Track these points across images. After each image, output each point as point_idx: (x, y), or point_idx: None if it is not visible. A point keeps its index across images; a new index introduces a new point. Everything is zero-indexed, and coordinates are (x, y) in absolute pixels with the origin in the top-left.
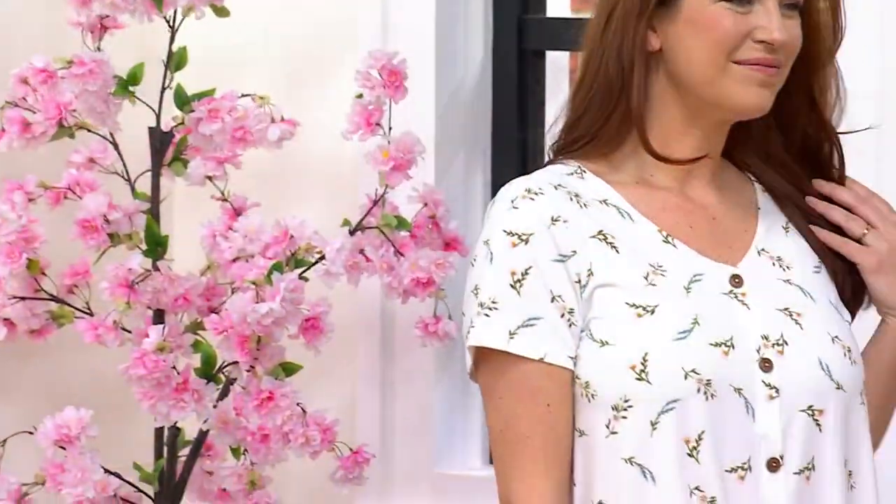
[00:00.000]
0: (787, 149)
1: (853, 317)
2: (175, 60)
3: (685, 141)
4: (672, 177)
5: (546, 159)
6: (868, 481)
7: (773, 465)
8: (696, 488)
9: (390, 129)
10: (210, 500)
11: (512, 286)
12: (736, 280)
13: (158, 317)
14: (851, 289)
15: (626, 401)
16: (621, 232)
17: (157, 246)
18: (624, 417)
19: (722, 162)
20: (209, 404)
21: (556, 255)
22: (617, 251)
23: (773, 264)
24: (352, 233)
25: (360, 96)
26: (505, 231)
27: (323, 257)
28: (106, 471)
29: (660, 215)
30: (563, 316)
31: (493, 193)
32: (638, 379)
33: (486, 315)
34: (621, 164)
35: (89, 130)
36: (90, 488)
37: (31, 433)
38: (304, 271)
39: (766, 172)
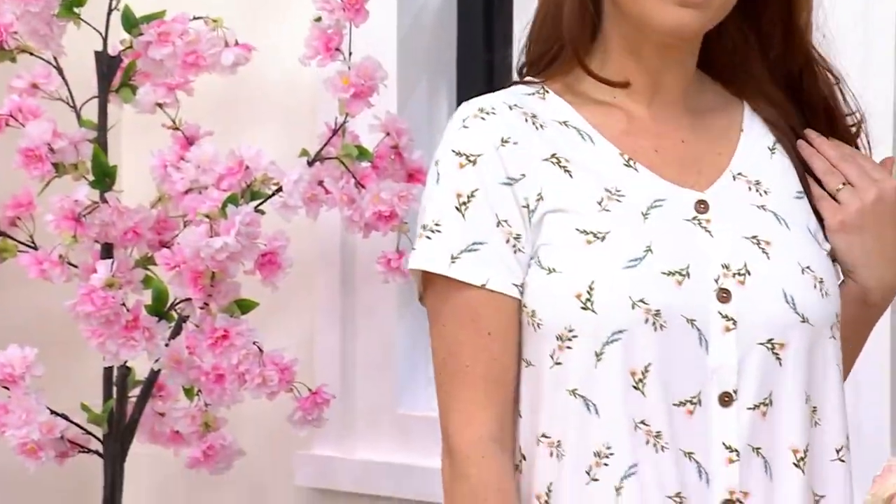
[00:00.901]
0: (773, 76)
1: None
2: None
3: (636, 62)
4: (638, 98)
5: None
6: (835, 418)
7: (726, 399)
8: (642, 422)
9: (350, 54)
10: (162, 443)
11: (457, 208)
12: (701, 206)
13: (107, 251)
14: None
15: (570, 330)
16: (578, 155)
17: (104, 176)
18: (569, 348)
19: (704, 82)
20: (161, 343)
21: (504, 178)
22: (570, 175)
23: (750, 189)
24: (310, 163)
25: (319, 20)
26: (454, 151)
27: (280, 189)
28: (52, 412)
29: (623, 138)
30: (508, 241)
31: None
32: (583, 308)
33: (428, 238)
34: (586, 86)
35: (32, 54)
36: (35, 430)
37: None
38: (260, 204)
39: (752, 96)
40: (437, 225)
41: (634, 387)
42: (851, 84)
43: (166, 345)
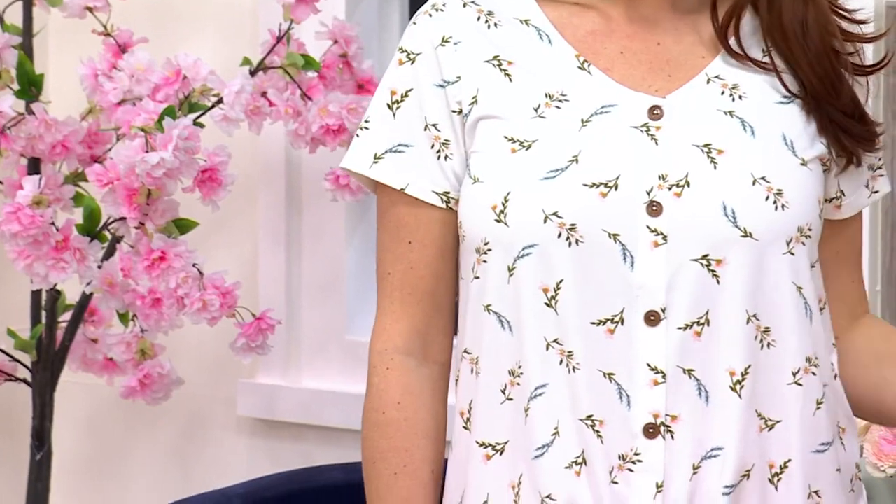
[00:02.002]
0: None
1: (848, 166)
2: None
3: None
4: None
5: None
6: (792, 340)
7: (652, 318)
8: (555, 341)
9: None
10: (95, 371)
11: (389, 106)
12: (655, 111)
13: (34, 166)
14: (835, 134)
15: (486, 243)
16: (527, 56)
17: (30, 86)
18: (485, 262)
19: None
20: (93, 264)
21: (438, 80)
22: (510, 79)
23: (723, 93)
24: (253, 73)
25: None
26: (399, 48)
27: (220, 101)
28: None
29: (586, 39)
30: (433, 147)
31: None
32: (497, 220)
33: (357, 136)
34: None
35: None
36: None
37: None
38: (199, 116)
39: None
40: (366, 122)
41: (547, 304)
42: None
43: (99, 267)
